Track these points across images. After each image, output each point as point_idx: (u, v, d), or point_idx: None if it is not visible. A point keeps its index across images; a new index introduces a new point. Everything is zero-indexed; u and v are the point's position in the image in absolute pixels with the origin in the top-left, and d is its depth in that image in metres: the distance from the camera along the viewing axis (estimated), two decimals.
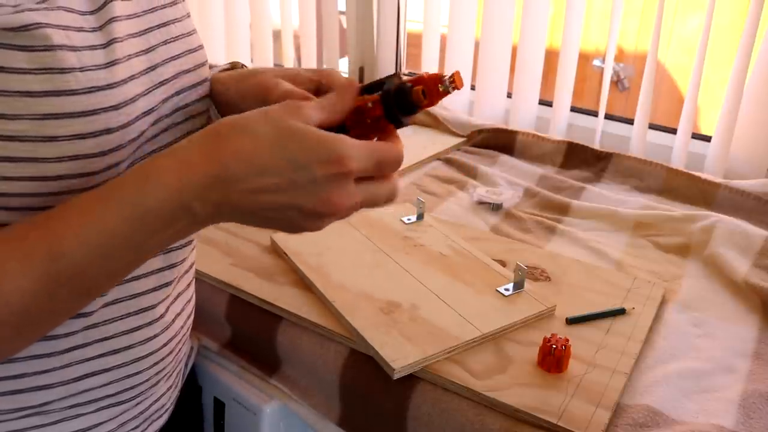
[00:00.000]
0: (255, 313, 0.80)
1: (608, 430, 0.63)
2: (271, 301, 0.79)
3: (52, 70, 0.44)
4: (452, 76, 0.48)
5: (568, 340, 0.68)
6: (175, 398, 0.70)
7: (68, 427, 0.57)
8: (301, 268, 0.82)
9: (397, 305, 0.76)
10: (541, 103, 1.43)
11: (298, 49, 1.77)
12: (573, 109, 1.41)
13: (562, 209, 1.06)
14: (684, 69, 2.33)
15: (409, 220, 0.96)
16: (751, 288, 0.84)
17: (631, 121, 1.31)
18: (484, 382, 0.67)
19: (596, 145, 1.28)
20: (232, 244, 0.90)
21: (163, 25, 0.55)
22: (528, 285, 0.80)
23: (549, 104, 1.41)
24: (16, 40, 0.42)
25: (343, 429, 0.74)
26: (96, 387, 0.57)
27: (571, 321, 0.76)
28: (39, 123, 0.44)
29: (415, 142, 1.28)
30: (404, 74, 0.47)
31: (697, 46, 1.18)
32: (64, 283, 0.43)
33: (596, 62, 2.40)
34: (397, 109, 0.48)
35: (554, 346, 0.68)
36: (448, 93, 0.48)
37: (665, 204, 1.07)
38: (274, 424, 0.79)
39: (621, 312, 0.78)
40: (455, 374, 0.68)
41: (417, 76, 0.50)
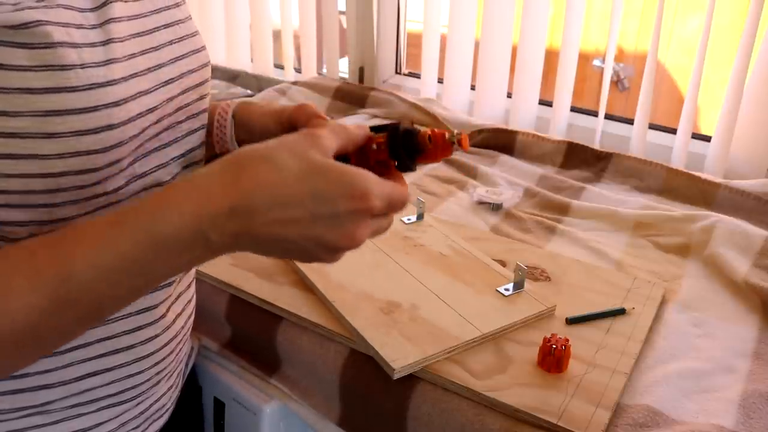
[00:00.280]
0: (255, 313, 0.80)
1: (608, 430, 0.63)
2: (271, 301, 0.79)
3: (53, 67, 0.44)
4: (460, 133, 0.50)
5: (568, 340, 0.68)
6: (175, 398, 0.70)
7: (69, 426, 0.57)
8: (301, 268, 0.82)
9: (397, 305, 0.76)
10: (541, 103, 1.43)
11: (298, 49, 1.77)
12: (573, 109, 1.41)
13: (562, 209, 1.06)
14: (684, 69, 2.33)
15: (409, 220, 0.96)
16: (751, 288, 0.84)
17: (631, 121, 1.31)
18: (484, 382, 0.67)
19: (596, 145, 1.28)
20: None
21: (169, 26, 0.55)
22: (528, 285, 0.80)
23: (549, 104, 1.41)
24: (16, 38, 0.42)
25: (343, 429, 0.74)
26: (97, 387, 0.57)
27: (571, 321, 0.76)
28: (40, 120, 0.44)
29: None
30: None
31: (697, 46, 1.18)
32: (71, 304, 0.43)
33: (596, 62, 2.40)
34: (403, 148, 0.50)
35: (554, 346, 0.68)
36: (453, 144, 0.50)
37: (665, 204, 1.07)
38: (274, 424, 0.79)
39: (621, 312, 0.78)
40: (455, 374, 0.68)
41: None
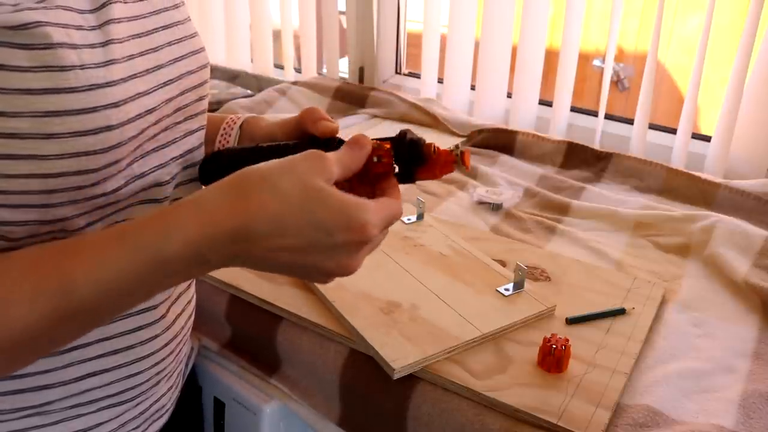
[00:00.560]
0: (255, 313, 0.80)
1: (608, 430, 0.63)
2: (271, 301, 0.79)
3: (53, 68, 0.44)
4: (464, 151, 0.52)
5: (568, 340, 0.68)
6: (175, 398, 0.70)
7: (69, 427, 0.57)
8: None
9: (397, 305, 0.76)
10: (541, 103, 1.43)
11: (298, 49, 1.77)
12: (573, 109, 1.41)
13: (562, 209, 1.06)
14: (684, 69, 2.33)
15: (409, 220, 0.96)
16: (751, 288, 0.84)
17: (631, 121, 1.31)
18: (484, 382, 0.67)
19: (596, 145, 1.28)
20: None
21: (168, 27, 0.55)
22: (528, 285, 0.80)
23: (549, 104, 1.41)
24: (16, 39, 0.42)
25: (343, 429, 0.74)
26: (97, 387, 0.57)
27: (571, 321, 0.76)
28: (39, 120, 0.44)
29: None
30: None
31: (697, 46, 1.18)
32: (70, 317, 0.44)
33: (596, 62, 2.40)
34: (408, 156, 0.52)
35: (554, 346, 0.68)
36: (456, 158, 0.52)
37: (665, 204, 1.07)
38: (274, 424, 0.79)
39: (621, 312, 0.78)
40: (455, 374, 0.68)
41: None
